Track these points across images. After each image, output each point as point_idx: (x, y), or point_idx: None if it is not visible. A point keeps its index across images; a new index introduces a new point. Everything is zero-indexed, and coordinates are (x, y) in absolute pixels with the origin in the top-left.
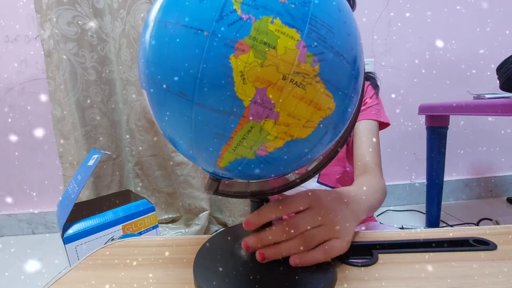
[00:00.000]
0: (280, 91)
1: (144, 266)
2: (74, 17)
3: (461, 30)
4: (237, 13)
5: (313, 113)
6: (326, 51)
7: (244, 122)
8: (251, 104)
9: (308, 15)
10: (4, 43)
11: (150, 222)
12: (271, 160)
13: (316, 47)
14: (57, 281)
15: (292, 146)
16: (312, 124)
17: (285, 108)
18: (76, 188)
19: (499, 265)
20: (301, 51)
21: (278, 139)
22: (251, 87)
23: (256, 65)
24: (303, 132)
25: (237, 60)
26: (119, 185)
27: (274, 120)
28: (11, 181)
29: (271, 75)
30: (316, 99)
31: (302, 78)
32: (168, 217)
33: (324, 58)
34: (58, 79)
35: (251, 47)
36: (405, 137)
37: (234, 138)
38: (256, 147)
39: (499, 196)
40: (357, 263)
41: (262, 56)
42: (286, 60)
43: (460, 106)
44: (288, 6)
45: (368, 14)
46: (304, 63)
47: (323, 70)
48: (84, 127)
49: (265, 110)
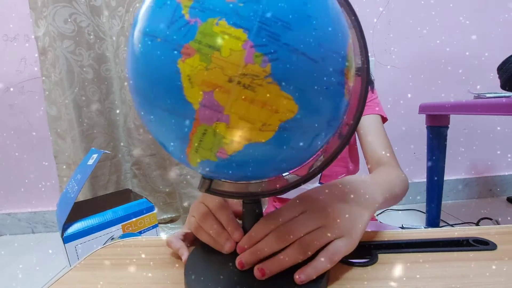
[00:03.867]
0: (228, 94)
1: (144, 266)
2: (71, 15)
3: (461, 30)
4: (185, 18)
5: (270, 116)
6: (280, 49)
7: (197, 125)
8: (201, 108)
9: (259, 13)
10: (3, 42)
11: (149, 221)
12: (235, 163)
13: (266, 46)
14: (57, 281)
15: (254, 150)
16: (270, 128)
17: (235, 111)
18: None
19: (499, 265)
20: (248, 51)
21: (234, 143)
22: (198, 91)
23: (201, 69)
24: (261, 135)
25: (184, 65)
26: (116, 185)
27: (225, 123)
28: (11, 180)
29: (217, 78)
30: (270, 101)
31: (251, 80)
32: (167, 217)
33: (277, 58)
34: (53, 77)
35: (197, 50)
36: (405, 136)
37: (192, 140)
38: (215, 149)
39: (499, 195)
40: (357, 263)
41: (207, 59)
42: (232, 62)
43: (460, 106)
44: (236, 6)
45: (368, 14)
46: (252, 64)
47: (276, 70)
48: (81, 126)
49: (214, 113)
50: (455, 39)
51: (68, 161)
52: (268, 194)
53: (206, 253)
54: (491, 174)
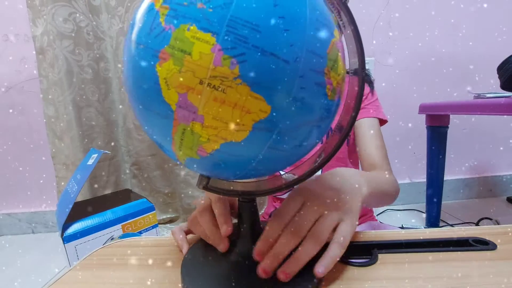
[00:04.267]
0: (200, 95)
1: (144, 266)
2: (70, 14)
3: (462, 30)
4: (161, 25)
5: (242, 116)
6: (248, 51)
7: (176, 125)
8: (177, 108)
9: (227, 17)
10: (3, 42)
11: (149, 221)
12: (216, 161)
13: (234, 49)
14: (57, 281)
15: (231, 149)
16: (244, 128)
17: (208, 111)
18: (76, 187)
19: (499, 265)
20: (216, 54)
21: (211, 142)
22: (174, 93)
23: (175, 72)
24: (236, 135)
25: (161, 69)
26: (115, 185)
27: (200, 123)
28: (11, 181)
29: (189, 80)
30: (241, 102)
31: (220, 82)
32: (166, 217)
33: (245, 59)
34: (51, 77)
35: (171, 55)
36: (405, 136)
37: (175, 139)
38: (195, 148)
39: (499, 195)
40: (357, 263)
41: (180, 63)
42: (202, 65)
43: (460, 106)
44: (206, 11)
45: (368, 14)
46: (220, 66)
47: (245, 72)
48: (80, 126)
49: (190, 113)
50: (455, 39)
51: (66, 161)
52: (265, 193)
53: (203, 251)
54: (491, 174)
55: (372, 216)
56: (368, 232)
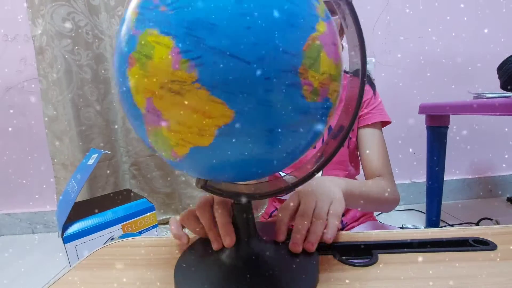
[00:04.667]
0: (162, 100)
1: (143, 266)
2: (69, 14)
3: (461, 30)
4: (131, 31)
5: (204, 122)
6: (205, 53)
7: (149, 128)
8: (146, 113)
9: (186, 19)
10: (3, 42)
11: (149, 221)
12: (191, 165)
13: (191, 51)
14: (57, 281)
15: (201, 154)
16: (208, 133)
17: (171, 116)
18: (76, 187)
19: (499, 265)
20: (175, 58)
21: (180, 146)
22: (142, 97)
23: (141, 77)
24: (201, 140)
25: (130, 73)
26: (114, 186)
27: (167, 127)
28: (11, 181)
29: (152, 85)
30: (201, 106)
31: (180, 86)
32: (165, 218)
33: (202, 62)
34: (51, 77)
35: (137, 60)
36: (405, 136)
37: (151, 141)
38: (169, 151)
39: (499, 196)
40: (357, 263)
41: (144, 68)
42: (162, 69)
43: (460, 106)
44: (167, 14)
45: (368, 14)
46: (179, 70)
47: (203, 75)
48: (79, 126)
49: (157, 118)
50: (455, 39)
51: (65, 162)
52: (265, 195)
53: (197, 254)
54: (491, 174)
55: (372, 217)
56: (368, 232)
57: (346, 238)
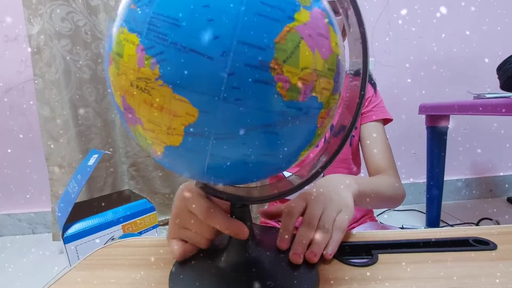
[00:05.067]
0: (133, 98)
1: (144, 266)
2: (68, 13)
3: (461, 30)
4: (111, 30)
5: (171, 120)
6: (167, 49)
7: (129, 126)
8: (124, 110)
9: (149, 14)
10: (3, 43)
11: (150, 221)
12: (171, 165)
13: (153, 48)
14: (57, 281)
15: (175, 153)
16: (176, 132)
17: (142, 114)
18: (76, 188)
19: (499, 265)
20: (140, 55)
21: (155, 144)
22: (118, 96)
23: (115, 75)
24: (171, 139)
25: (110, 72)
26: (112, 187)
27: (141, 125)
28: (11, 181)
29: (123, 83)
30: (166, 104)
31: (145, 83)
32: (165, 219)
33: (164, 59)
34: (47, 77)
35: (113, 59)
36: (405, 136)
37: (137, 139)
38: (149, 149)
39: (499, 196)
40: (357, 263)
41: (117, 66)
42: (130, 67)
43: (460, 106)
44: (134, 11)
45: (368, 14)
46: (143, 67)
47: (165, 72)
48: (77, 127)
49: (132, 116)
50: (454, 40)
51: (62, 163)
52: (262, 200)
53: (192, 259)
54: (491, 174)
55: (373, 217)
56: (368, 232)
57: (346, 238)
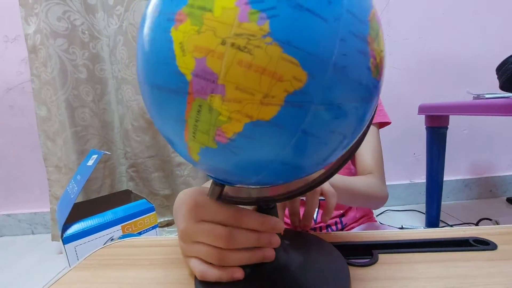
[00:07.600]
0: (221, 59)
1: (143, 266)
2: (64, 12)
3: (461, 30)
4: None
5: (272, 85)
6: (280, 5)
7: (191, 101)
8: (193, 78)
9: None
10: (3, 43)
11: (149, 222)
12: (238, 151)
13: (263, 2)
14: (57, 281)
15: (256, 132)
16: (274, 101)
17: (230, 79)
18: (76, 188)
19: (499, 265)
20: (242, 8)
21: (233, 121)
22: (190, 58)
23: (193, 33)
24: (263, 111)
25: (177, 32)
26: (110, 188)
27: (221, 95)
28: (11, 181)
29: (208, 41)
30: (271, 66)
31: (247, 41)
32: (164, 221)
33: (277, 14)
34: (44, 76)
35: (188, 15)
36: (405, 137)
37: (188, 121)
38: (213, 131)
39: (499, 196)
40: (357, 263)
41: (199, 22)
42: (224, 22)
43: (460, 106)
44: None
45: None
46: (247, 22)
47: (276, 29)
48: (73, 127)
49: (208, 83)
50: (454, 40)
51: (59, 164)
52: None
53: None
54: (491, 174)
55: (372, 217)
56: (368, 232)
57: (346, 238)
